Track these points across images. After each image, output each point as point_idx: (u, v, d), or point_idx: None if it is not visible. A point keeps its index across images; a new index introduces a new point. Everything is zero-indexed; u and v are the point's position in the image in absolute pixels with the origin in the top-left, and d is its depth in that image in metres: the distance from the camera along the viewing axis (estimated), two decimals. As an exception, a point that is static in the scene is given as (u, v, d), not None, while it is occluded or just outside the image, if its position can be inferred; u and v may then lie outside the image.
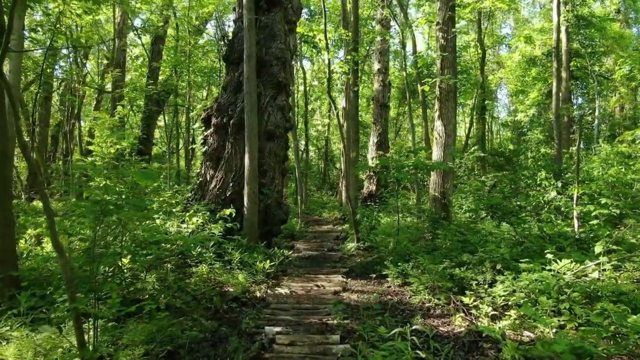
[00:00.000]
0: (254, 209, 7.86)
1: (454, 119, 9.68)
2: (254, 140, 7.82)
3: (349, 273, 7.83)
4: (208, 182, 8.26)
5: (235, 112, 8.22)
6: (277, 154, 8.46)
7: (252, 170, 7.81)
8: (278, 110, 8.45)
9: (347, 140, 10.09)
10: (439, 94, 9.68)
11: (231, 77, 8.50)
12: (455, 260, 6.79)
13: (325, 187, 27.11)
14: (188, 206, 8.09)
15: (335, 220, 16.40)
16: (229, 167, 8.12)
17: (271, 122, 8.35)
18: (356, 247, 9.60)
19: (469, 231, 8.32)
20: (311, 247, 10.36)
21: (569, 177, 10.19)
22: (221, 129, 8.32)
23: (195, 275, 6.52)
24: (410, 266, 7.02)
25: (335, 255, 9.42)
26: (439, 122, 9.67)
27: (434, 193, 9.51)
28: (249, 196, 7.81)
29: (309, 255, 9.36)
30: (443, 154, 9.49)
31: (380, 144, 17.12)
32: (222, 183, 8.06)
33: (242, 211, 7.94)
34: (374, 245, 9.62)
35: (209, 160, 8.36)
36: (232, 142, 8.17)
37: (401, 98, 24.85)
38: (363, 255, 9.21)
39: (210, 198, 8.07)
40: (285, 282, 6.91)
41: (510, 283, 5.56)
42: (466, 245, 7.49)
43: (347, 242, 11.13)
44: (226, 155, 8.18)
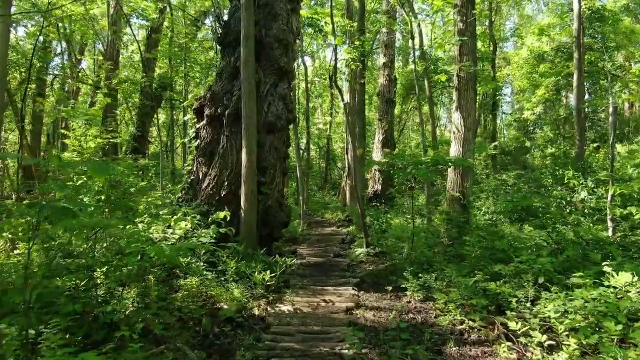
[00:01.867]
0: (253, 211, 6.83)
1: (474, 111, 8.66)
2: (252, 133, 6.80)
3: (361, 284, 6.80)
4: (200, 181, 7.23)
5: (232, 102, 7.20)
6: (278, 149, 7.44)
7: (250, 167, 6.78)
8: (279, 100, 7.43)
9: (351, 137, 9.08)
10: (457, 83, 8.66)
11: (227, 63, 7.48)
12: (486, 272, 5.77)
13: (327, 187, 26.08)
14: (178, 208, 7.06)
15: (339, 222, 15.37)
16: (224, 164, 7.10)
17: (272, 112, 7.32)
18: (366, 253, 8.58)
19: (493, 236, 7.30)
20: (316, 253, 9.33)
21: (601, 176, 9.17)
22: (215, 121, 7.29)
23: (183, 289, 5.50)
24: (434, 278, 5.99)
25: (342, 262, 8.39)
26: (457, 114, 8.66)
27: (453, 193, 8.49)
28: (246, 197, 6.79)
29: (313, 262, 8.32)
30: (462, 150, 8.47)
31: (386, 142, 16.11)
32: (216, 182, 7.03)
33: (238, 214, 6.92)
34: (386, 251, 8.60)
35: (201, 156, 7.34)
36: (228, 135, 7.15)
37: (405, 95, 23.82)
38: (374, 263, 8.18)
39: (203, 199, 7.04)
40: (288, 297, 5.88)
41: (563, 302, 4.53)
42: (494, 253, 6.47)
43: (354, 246, 10.10)
44: (221, 151, 7.16)
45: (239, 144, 7.04)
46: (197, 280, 5.57)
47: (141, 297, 5.35)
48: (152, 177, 12.10)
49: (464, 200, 8.37)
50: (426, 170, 6.76)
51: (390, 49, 16.42)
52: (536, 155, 23.15)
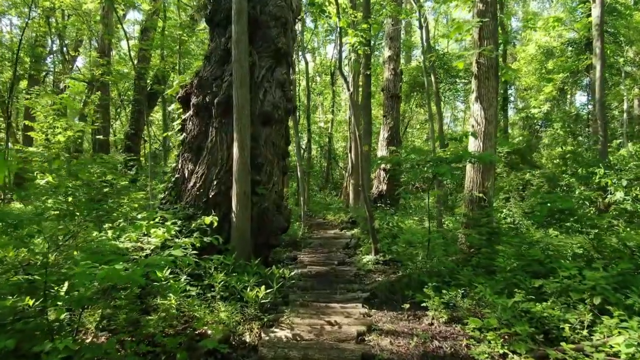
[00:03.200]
0: (245, 215, 5.81)
1: (495, 101, 7.63)
2: (245, 124, 5.78)
3: (371, 299, 5.78)
4: (186, 180, 6.21)
5: (222, 89, 6.18)
6: (275, 144, 6.42)
7: (243, 164, 5.77)
8: (277, 86, 6.41)
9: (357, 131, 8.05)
10: (476, 70, 7.64)
11: (216, 44, 6.45)
12: (523, 287, 4.76)
13: (328, 187, 25.07)
14: (160, 211, 6.05)
15: (342, 224, 14.35)
16: (213, 160, 6.08)
17: (268, 101, 6.31)
18: (374, 260, 7.56)
19: (522, 243, 6.28)
20: (318, 260, 8.31)
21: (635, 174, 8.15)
22: (203, 111, 6.27)
23: (159, 310, 4.48)
24: (460, 295, 4.97)
25: (348, 271, 7.37)
26: (477, 105, 7.63)
27: (472, 193, 7.46)
28: (238, 198, 5.77)
29: (316, 271, 7.30)
30: (483, 145, 7.44)
31: (391, 139, 15.08)
32: (203, 181, 6.02)
33: (229, 218, 5.91)
34: (397, 259, 7.58)
35: (187, 152, 6.32)
36: (217, 127, 6.13)
37: (408, 93, 22.77)
38: (384, 272, 7.16)
39: (188, 200, 6.03)
40: (286, 318, 4.86)
41: (636, 332, 3.52)
42: (529, 264, 5.44)
43: (360, 252, 9.08)
44: (209, 145, 6.14)
45: (229, 138, 6.03)
46: (175, 301, 4.55)
47: (106, 320, 4.37)
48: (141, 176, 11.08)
49: (486, 202, 7.35)
50: (448, 168, 5.73)
51: (396, 41, 15.39)
52: (543, 153, 22.13)
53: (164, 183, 6.66)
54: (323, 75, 26.81)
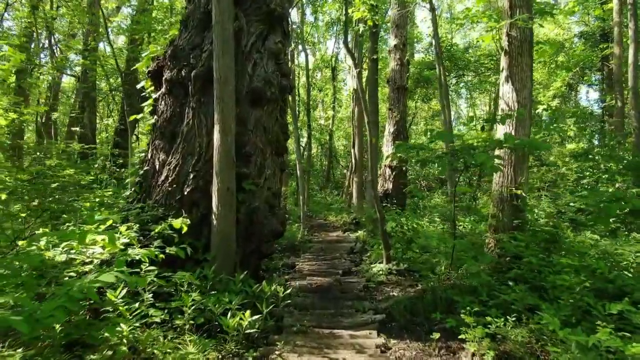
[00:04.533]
0: (229, 217, 4.56)
1: (530, 81, 6.38)
2: (229, 102, 4.53)
3: (388, 324, 4.53)
4: (157, 173, 4.95)
5: (201, 60, 4.93)
6: (267, 129, 5.16)
7: (226, 153, 4.51)
8: (269, 58, 5.15)
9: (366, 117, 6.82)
10: (507, 44, 6.39)
11: (195, 6, 5.19)
12: (596, 313, 3.51)
13: (329, 186, 23.81)
14: (129, 211, 4.80)
15: (345, 225, 13.10)
16: (189, 148, 4.82)
17: (258, 75, 5.05)
18: (386, 270, 6.30)
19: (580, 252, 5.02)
20: (319, 269, 7.05)
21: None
22: (178, 88, 5.01)
23: (104, 347, 3.23)
24: (510, 323, 3.70)
25: (355, 283, 6.10)
26: (507, 86, 6.37)
27: (502, 190, 6.21)
28: (220, 195, 4.52)
29: (316, 284, 6.04)
30: (515, 132, 6.20)
31: (397, 134, 13.78)
32: (177, 174, 4.76)
33: (209, 220, 4.65)
34: (413, 268, 6.33)
35: (158, 138, 5.06)
36: (195, 107, 4.88)
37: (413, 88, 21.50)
38: (400, 285, 5.90)
39: (158, 198, 4.77)
40: (277, 356, 3.60)
41: None
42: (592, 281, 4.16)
43: (367, 257, 7.82)
44: (184, 130, 4.88)
45: (210, 121, 4.77)
46: (127, 331, 3.29)
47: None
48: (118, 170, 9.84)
49: (519, 200, 6.09)
50: (487, 157, 4.46)
51: (402, 29, 14.11)
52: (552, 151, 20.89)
53: (131, 177, 5.38)
54: (324, 69, 25.56)
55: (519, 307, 3.89)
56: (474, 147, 4.85)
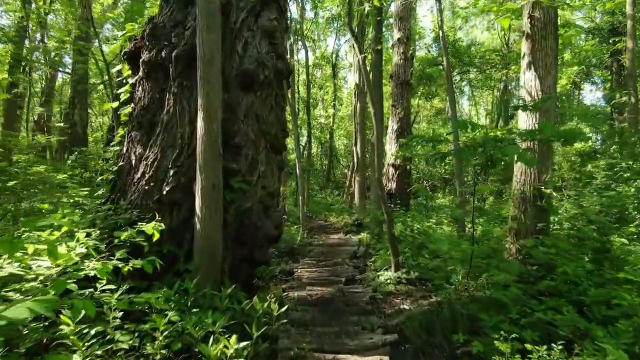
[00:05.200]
0: (215, 220, 3.85)
1: (555, 68, 5.68)
2: (215, 85, 3.82)
3: (401, 345, 3.82)
4: (133, 169, 4.25)
5: (183, 38, 4.23)
6: (261, 118, 4.45)
7: (211, 145, 3.81)
8: (263, 37, 4.45)
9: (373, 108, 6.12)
10: (529, 27, 5.69)
11: (177, -23, 4.50)
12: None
13: (329, 186, 23.11)
14: (97, 213, 4.09)
15: (347, 227, 12.40)
16: (169, 140, 4.12)
17: (250, 56, 4.35)
18: (395, 278, 5.59)
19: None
20: (320, 276, 6.34)
21: None
22: (157, 71, 4.31)
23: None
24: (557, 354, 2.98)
25: (361, 294, 5.39)
26: (530, 73, 5.68)
27: (524, 189, 5.52)
28: (204, 194, 3.81)
29: (317, 295, 5.33)
30: (539, 122, 5.51)
31: (401, 131, 13.09)
32: (155, 169, 4.05)
33: (191, 223, 3.95)
34: (425, 277, 5.62)
35: (135, 129, 4.35)
36: (176, 92, 4.17)
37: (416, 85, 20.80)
38: (410, 296, 5.19)
39: (133, 198, 4.06)
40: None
41: None
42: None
43: (372, 263, 7.12)
44: (164, 118, 4.18)
45: (193, 107, 4.07)
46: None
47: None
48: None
49: (543, 201, 5.39)
50: (519, 148, 3.74)
51: (406, 22, 13.42)
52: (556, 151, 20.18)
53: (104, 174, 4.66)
54: (324, 67, 24.87)
55: (565, 331, 3.18)
56: (500, 139, 4.14)
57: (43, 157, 15.16)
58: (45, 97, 17.72)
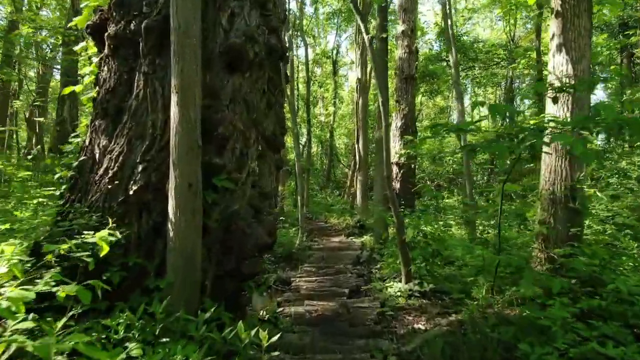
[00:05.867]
0: (192, 226, 3.12)
1: (588, 50, 4.94)
2: (192, 61, 3.09)
3: (420, 381, 3.08)
4: (97, 164, 3.51)
5: (156, 7, 3.50)
6: (251, 105, 3.72)
7: (187, 133, 3.08)
8: (253, 7, 3.72)
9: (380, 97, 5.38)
10: (559, 3, 4.95)
11: (150, -64, 3.77)
12: None
13: (330, 186, 22.37)
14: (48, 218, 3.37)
15: (348, 229, 11.67)
16: (138, 129, 3.38)
17: (237, 30, 3.61)
18: (406, 290, 4.85)
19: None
20: (320, 286, 5.60)
21: None
22: (126, 47, 3.58)
23: None
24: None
25: (368, 309, 4.64)
26: (560, 56, 4.95)
27: (554, 190, 4.78)
28: (178, 195, 3.08)
29: (317, 310, 4.58)
30: (571, 113, 4.79)
31: (405, 128, 12.37)
32: (120, 165, 3.32)
33: (164, 230, 3.21)
34: (441, 289, 4.89)
35: (100, 117, 3.62)
36: (147, 71, 3.44)
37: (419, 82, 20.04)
38: (425, 312, 4.45)
39: (94, 199, 3.33)
40: None
41: None
42: None
43: (377, 270, 6.40)
44: (133, 104, 3.44)
45: (167, 90, 3.33)
46: None
47: None
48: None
49: (576, 203, 4.66)
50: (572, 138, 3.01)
51: (410, 14, 12.70)
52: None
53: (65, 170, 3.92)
54: (324, 65, 24.14)
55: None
56: (541, 128, 3.41)
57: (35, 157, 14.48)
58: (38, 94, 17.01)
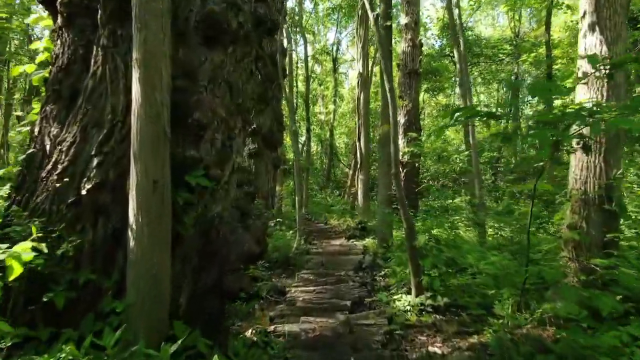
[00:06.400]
0: (158, 234, 2.48)
1: (624, 30, 4.31)
2: (157, 30, 2.46)
3: None
4: (47, 157, 2.88)
5: (118, -33, 2.86)
6: (234, 87, 3.08)
7: (152, 121, 2.45)
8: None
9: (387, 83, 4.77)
10: (592, -23, 4.31)
11: None
12: None
13: (330, 185, 21.74)
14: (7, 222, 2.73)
15: (349, 231, 11.03)
16: (95, 115, 2.75)
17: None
18: (417, 305, 4.21)
19: None
20: (319, 298, 4.96)
21: None
22: (82, 16, 2.95)
23: None
24: None
25: (374, 327, 3.99)
26: (593, 37, 4.31)
27: (586, 189, 4.15)
28: (140, 195, 2.45)
29: (315, 330, 3.93)
30: (605, 100, 4.16)
31: (409, 125, 11.75)
32: (72, 158, 2.69)
33: (123, 240, 2.57)
34: (456, 303, 4.25)
35: (52, 101, 2.99)
36: (106, 44, 2.81)
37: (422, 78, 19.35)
38: (440, 331, 3.81)
39: (40, 201, 2.69)
40: None
41: None
42: None
43: (383, 278, 5.76)
44: (89, 84, 2.81)
45: (131, 67, 2.68)
46: None
47: None
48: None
49: (613, 204, 4.03)
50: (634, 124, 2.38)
51: (414, 6, 12.07)
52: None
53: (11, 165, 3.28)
54: (324, 62, 23.51)
55: None
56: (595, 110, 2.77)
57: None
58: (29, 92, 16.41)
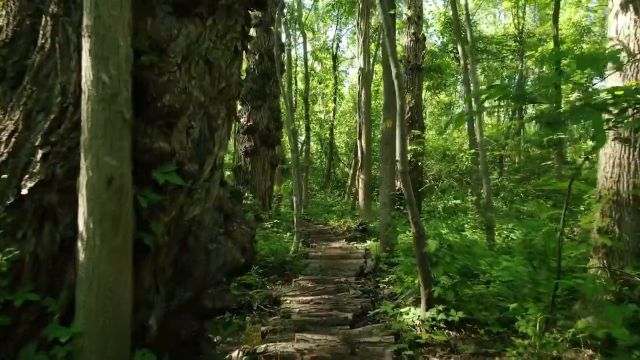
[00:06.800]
0: (114, 244, 1.98)
1: (662, 9, 3.81)
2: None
3: None
4: (-13, 151, 2.38)
5: None
6: (215, 66, 2.59)
7: (106, 104, 1.95)
8: None
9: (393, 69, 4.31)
10: (625, -51, 3.81)
11: None
12: None
13: (330, 185, 21.24)
14: None
15: (350, 232, 10.53)
16: (42, 96, 2.26)
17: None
18: (429, 320, 3.70)
19: None
20: (317, 309, 4.45)
21: None
22: (30, -20, 2.46)
23: None
24: None
25: (379, 346, 3.47)
26: (626, 17, 3.83)
27: (619, 188, 3.66)
28: (91, 195, 1.94)
29: (311, 353, 3.41)
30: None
31: (412, 122, 11.27)
32: (12, 150, 2.20)
33: (74, 253, 2.05)
34: (470, 317, 3.74)
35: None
36: (57, 12, 2.32)
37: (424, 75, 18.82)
38: (455, 352, 3.30)
39: (-27, 203, 2.18)
40: None
41: None
42: None
43: (387, 285, 5.26)
44: (35, 60, 2.31)
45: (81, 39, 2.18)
46: None
47: None
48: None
49: (650, 205, 3.52)
50: None
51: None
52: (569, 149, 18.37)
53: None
54: (324, 60, 23.02)
55: None
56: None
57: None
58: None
